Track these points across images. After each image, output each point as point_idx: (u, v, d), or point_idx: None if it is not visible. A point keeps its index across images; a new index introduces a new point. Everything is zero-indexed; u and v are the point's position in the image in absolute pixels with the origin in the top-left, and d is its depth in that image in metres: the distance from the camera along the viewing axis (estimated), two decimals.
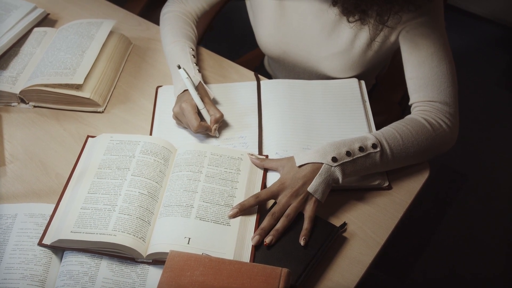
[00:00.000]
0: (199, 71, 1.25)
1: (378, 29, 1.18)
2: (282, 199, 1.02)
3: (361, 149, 1.04)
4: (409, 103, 1.18)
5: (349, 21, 1.14)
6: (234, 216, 1.00)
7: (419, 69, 1.14)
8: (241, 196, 1.04)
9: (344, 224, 1.03)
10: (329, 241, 0.99)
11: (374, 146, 1.05)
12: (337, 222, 1.04)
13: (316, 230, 1.00)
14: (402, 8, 1.07)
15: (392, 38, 1.19)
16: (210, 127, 1.16)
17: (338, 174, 1.02)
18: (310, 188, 1.01)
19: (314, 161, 1.03)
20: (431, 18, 1.13)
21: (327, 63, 1.28)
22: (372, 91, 1.52)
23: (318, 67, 1.31)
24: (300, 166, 1.03)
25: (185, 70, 1.17)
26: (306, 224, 1.00)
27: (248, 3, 1.37)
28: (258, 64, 1.66)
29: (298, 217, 1.01)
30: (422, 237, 2.04)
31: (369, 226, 1.04)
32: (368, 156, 1.04)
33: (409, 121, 1.12)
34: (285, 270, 0.86)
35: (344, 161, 1.02)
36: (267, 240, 0.98)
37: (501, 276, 1.93)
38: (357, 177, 1.08)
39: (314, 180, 1.01)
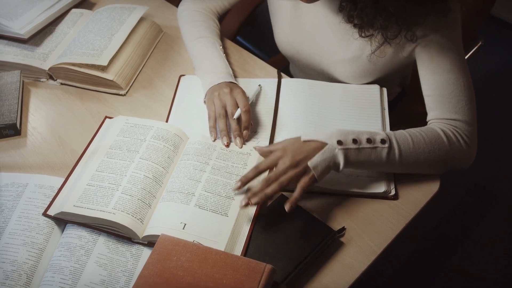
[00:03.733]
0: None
1: (380, 42, 1.15)
2: (280, 166, 1.00)
3: (368, 140, 1.02)
4: (427, 119, 1.15)
5: (348, 22, 1.12)
6: (239, 188, 1.01)
7: (436, 86, 1.11)
8: (243, 190, 1.05)
9: (343, 229, 1.02)
10: (323, 244, 0.98)
11: (382, 141, 1.03)
12: (336, 226, 1.03)
13: (312, 232, 0.99)
14: (403, 28, 1.06)
15: (405, 52, 1.16)
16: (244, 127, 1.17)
17: (340, 158, 1.00)
18: (311, 163, 0.99)
19: (320, 140, 1.01)
20: (447, 34, 1.09)
21: (338, 67, 1.26)
22: (398, 100, 1.50)
23: (330, 71, 1.29)
24: (305, 142, 1.03)
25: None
26: (296, 193, 0.98)
27: (268, 1, 1.37)
28: (287, 64, 1.66)
29: (295, 214, 1.01)
30: (445, 255, 1.99)
31: (368, 234, 1.03)
32: (374, 149, 1.02)
33: (425, 129, 1.09)
34: (269, 266, 0.86)
35: (349, 147, 1.01)
36: (253, 200, 0.98)
37: None
38: (361, 170, 1.06)
39: (316, 155, 1.00)
